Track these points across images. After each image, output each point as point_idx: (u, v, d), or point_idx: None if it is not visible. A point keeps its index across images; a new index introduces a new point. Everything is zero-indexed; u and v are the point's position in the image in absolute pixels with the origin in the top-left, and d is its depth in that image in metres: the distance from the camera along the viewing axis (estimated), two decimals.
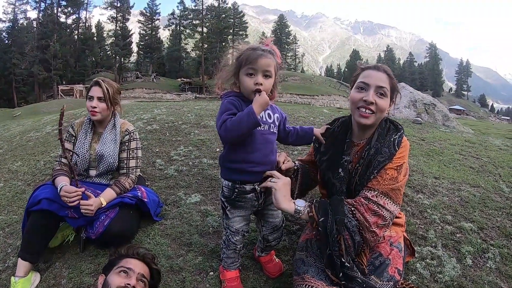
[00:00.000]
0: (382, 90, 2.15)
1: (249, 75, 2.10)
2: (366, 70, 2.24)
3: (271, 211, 2.37)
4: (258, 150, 2.16)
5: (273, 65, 2.12)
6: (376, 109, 2.15)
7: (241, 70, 2.13)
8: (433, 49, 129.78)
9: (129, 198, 2.92)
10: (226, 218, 2.33)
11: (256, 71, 2.08)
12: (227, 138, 2.09)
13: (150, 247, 2.78)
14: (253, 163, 2.17)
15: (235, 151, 2.18)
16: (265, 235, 2.41)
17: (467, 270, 2.62)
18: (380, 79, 2.16)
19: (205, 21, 77.91)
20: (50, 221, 2.72)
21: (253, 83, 2.08)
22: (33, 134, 7.13)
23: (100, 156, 3.02)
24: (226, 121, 2.02)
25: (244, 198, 2.24)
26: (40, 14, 67.46)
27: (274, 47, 2.22)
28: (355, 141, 2.34)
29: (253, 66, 2.08)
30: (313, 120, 6.67)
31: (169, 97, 52.18)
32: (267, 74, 2.11)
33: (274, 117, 2.29)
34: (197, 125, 5.77)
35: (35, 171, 4.77)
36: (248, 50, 2.12)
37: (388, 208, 2.07)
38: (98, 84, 3.05)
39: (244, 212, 2.30)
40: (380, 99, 2.15)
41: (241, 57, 2.13)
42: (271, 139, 2.24)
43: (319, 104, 42.32)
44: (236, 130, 1.99)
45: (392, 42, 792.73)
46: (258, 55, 2.07)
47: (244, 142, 2.12)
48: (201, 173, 4.01)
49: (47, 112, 24.30)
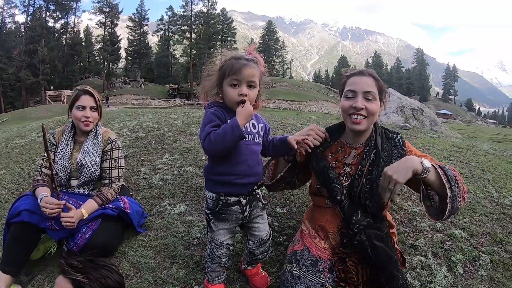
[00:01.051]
0: (369, 94, 2.17)
1: (233, 86, 2.05)
2: (352, 77, 2.26)
3: (257, 224, 2.30)
4: (243, 162, 2.09)
5: (257, 75, 2.08)
6: (367, 113, 2.17)
7: (225, 80, 2.08)
8: (420, 54, 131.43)
9: (111, 210, 2.84)
10: (211, 231, 2.26)
11: (240, 82, 2.04)
12: (211, 152, 2.03)
13: (134, 259, 2.71)
14: (238, 175, 2.11)
15: (220, 164, 2.12)
16: (251, 249, 2.33)
17: (458, 279, 2.58)
18: (366, 84, 2.18)
19: (193, 27, 78.24)
20: (31, 233, 2.65)
21: (237, 94, 2.03)
22: (19, 141, 7.03)
23: (81, 166, 2.94)
24: (210, 134, 1.96)
25: (229, 210, 2.17)
26: (28, 18, 67.49)
27: (257, 55, 2.19)
28: (354, 145, 2.35)
29: (237, 77, 2.03)
30: (301, 126, 6.63)
31: (157, 103, 52.11)
32: (251, 85, 2.07)
33: (259, 127, 2.22)
34: (183, 133, 5.71)
35: (19, 179, 4.68)
36: (231, 59, 2.07)
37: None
38: (89, 93, 2.98)
39: (228, 225, 2.23)
40: (370, 103, 2.17)
41: (224, 67, 2.08)
42: (256, 150, 2.17)
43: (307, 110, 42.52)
44: (220, 144, 1.93)
45: (380, 48, 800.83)
46: (242, 65, 2.02)
47: (229, 154, 2.05)
48: (186, 182, 3.94)
49: (34, 118, 24.12)
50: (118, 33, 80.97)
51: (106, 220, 2.80)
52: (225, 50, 2.20)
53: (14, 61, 60.50)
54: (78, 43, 74.48)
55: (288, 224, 3.21)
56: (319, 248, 2.26)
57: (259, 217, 2.28)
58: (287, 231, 3.10)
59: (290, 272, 2.16)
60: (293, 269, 2.17)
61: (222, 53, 2.19)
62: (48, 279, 2.63)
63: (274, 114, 9.09)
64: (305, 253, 2.27)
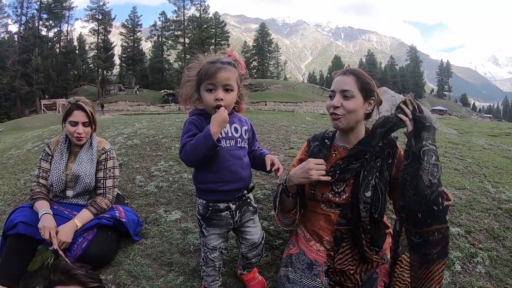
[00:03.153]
0: (347, 92, 2.18)
1: (209, 91, 2.04)
2: (335, 78, 2.29)
3: (249, 228, 2.30)
4: (225, 168, 2.09)
5: (234, 78, 2.06)
6: (343, 111, 2.17)
7: (201, 85, 2.08)
8: (413, 52, 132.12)
9: (107, 219, 2.84)
10: (203, 236, 2.27)
11: (216, 86, 2.02)
12: (189, 163, 2.05)
13: (131, 268, 2.70)
14: (223, 182, 2.10)
15: (203, 172, 2.13)
16: (244, 252, 2.33)
17: (456, 277, 2.59)
18: (344, 83, 2.20)
19: (187, 32, 78.38)
20: (27, 245, 2.65)
21: (213, 98, 2.02)
22: (14, 151, 7.01)
23: (76, 177, 2.93)
24: (186, 145, 1.98)
25: (219, 216, 2.18)
26: (21, 27, 67.32)
27: (237, 57, 2.17)
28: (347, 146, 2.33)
29: (212, 81, 2.02)
30: (295, 128, 6.63)
31: (152, 109, 52.04)
32: (227, 88, 2.05)
33: (242, 130, 2.21)
34: (178, 139, 5.66)
35: (15, 190, 4.65)
36: (207, 64, 2.06)
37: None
38: (81, 108, 2.95)
39: (219, 230, 2.23)
40: (347, 101, 2.17)
41: (201, 72, 2.07)
42: (239, 154, 2.15)
43: (302, 111, 42.53)
44: (194, 154, 1.95)
45: (373, 46, 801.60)
46: (216, 69, 2.00)
47: (210, 162, 2.05)
48: (181, 188, 3.94)
49: (29, 127, 24.07)
50: (111, 40, 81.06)
51: (102, 230, 2.80)
52: (201, 55, 2.18)
53: (8, 71, 60.41)
54: (71, 51, 74.41)
55: (284, 228, 3.20)
56: (315, 251, 2.26)
57: (250, 221, 2.28)
58: (283, 235, 3.09)
59: (286, 276, 2.17)
60: (288, 273, 2.17)
61: (198, 57, 2.17)
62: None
63: (268, 117, 9.09)
64: (300, 256, 2.28)
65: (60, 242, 2.58)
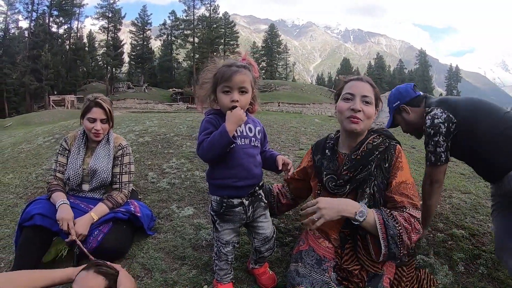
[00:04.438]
0: (367, 98, 2.24)
1: (225, 93, 2.15)
2: (350, 82, 2.34)
3: (261, 223, 2.38)
4: (239, 165, 2.19)
5: (248, 81, 2.16)
6: (363, 116, 2.23)
7: (218, 87, 2.18)
8: (422, 55, 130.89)
9: (122, 213, 2.92)
10: (216, 231, 2.35)
11: (232, 88, 2.13)
12: (206, 158, 2.18)
13: (144, 261, 2.78)
14: (236, 178, 2.20)
15: (217, 168, 2.23)
16: (257, 246, 2.41)
17: (459, 277, 2.64)
18: (365, 89, 2.26)
19: (196, 31, 78.14)
20: (43, 237, 2.72)
21: (229, 100, 2.13)
22: (25, 145, 7.10)
23: (93, 171, 3.02)
24: (203, 142, 2.10)
25: (232, 212, 2.26)
26: (32, 23, 67.47)
27: (251, 60, 2.29)
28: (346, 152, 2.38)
29: (228, 84, 2.12)
30: (305, 130, 6.71)
31: (160, 107, 51.97)
32: (243, 90, 2.15)
33: (256, 130, 2.31)
34: (189, 137, 5.78)
35: (27, 184, 4.73)
36: (223, 67, 2.17)
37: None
38: (99, 105, 3.04)
39: (233, 225, 2.31)
40: (367, 106, 2.24)
41: (217, 75, 2.18)
42: (252, 153, 2.26)
43: (310, 113, 42.39)
44: (211, 151, 2.08)
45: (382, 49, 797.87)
46: (232, 72, 2.11)
47: (225, 159, 2.16)
48: (193, 186, 4.00)
49: (38, 123, 24.14)
50: (121, 38, 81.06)
51: (117, 224, 2.88)
52: (217, 58, 2.30)
53: (17, 67, 60.57)
54: (81, 48, 74.32)
55: (294, 225, 3.28)
56: (323, 247, 2.34)
57: (262, 217, 2.36)
58: (293, 232, 3.16)
59: (296, 270, 2.25)
60: (298, 268, 2.25)
61: (214, 61, 2.28)
62: None
63: (277, 118, 9.14)
64: (310, 252, 2.35)
65: (76, 234, 2.66)
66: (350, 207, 2.07)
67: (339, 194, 2.28)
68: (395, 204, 2.16)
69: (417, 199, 2.17)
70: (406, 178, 2.19)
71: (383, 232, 2.04)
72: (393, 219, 2.06)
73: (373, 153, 2.24)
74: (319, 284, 2.11)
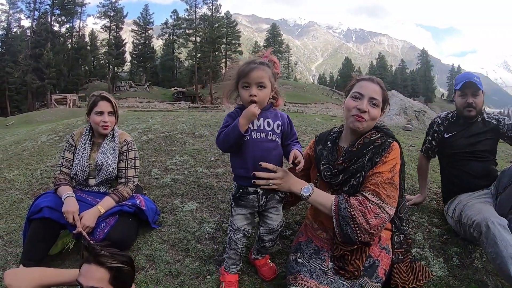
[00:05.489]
0: (375, 101, 2.32)
1: (245, 88, 2.28)
2: (361, 81, 2.41)
3: (271, 214, 2.46)
4: (251, 158, 2.29)
5: (266, 76, 2.26)
6: (368, 117, 2.30)
7: (239, 83, 2.31)
8: (424, 55, 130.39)
9: (128, 206, 3.01)
10: (231, 216, 2.48)
11: (250, 84, 2.25)
12: (222, 149, 2.39)
13: (149, 253, 2.87)
14: (246, 169, 2.32)
15: (233, 158, 2.42)
16: (261, 234, 2.49)
17: (454, 270, 2.73)
18: (374, 91, 2.33)
19: (198, 31, 77.88)
20: (51, 229, 2.82)
21: (248, 94, 2.25)
22: (28, 143, 7.14)
23: (99, 166, 3.11)
24: (221, 134, 2.28)
25: (247, 198, 2.38)
26: (34, 22, 67.17)
27: (273, 58, 2.40)
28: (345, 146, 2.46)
29: (246, 80, 2.25)
30: (305, 129, 6.77)
31: (162, 106, 51.94)
32: (261, 85, 2.25)
33: (274, 125, 2.37)
34: (191, 135, 5.84)
35: (31, 180, 4.80)
36: (243, 65, 2.30)
37: (388, 210, 2.21)
38: (106, 99, 3.15)
39: (245, 211, 2.42)
40: (373, 108, 2.32)
41: (238, 72, 2.30)
42: (268, 146, 2.34)
43: (312, 112, 42.35)
44: (226, 142, 2.29)
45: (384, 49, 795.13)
46: (250, 69, 2.23)
47: (240, 150, 2.30)
48: (196, 181, 4.08)
49: (40, 121, 24.12)
50: (123, 37, 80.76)
51: (123, 216, 2.97)
52: (242, 58, 2.44)
53: (20, 65, 60.52)
54: (83, 47, 74.21)
55: (294, 219, 3.37)
56: (321, 239, 2.43)
57: (273, 209, 2.44)
58: (293, 226, 3.25)
59: (295, 260, 2.36)
60: (297, 257, 2.36)
61: (238, 61, 2.45)
62: None
63: None
64: (308, 243, 2.46)
65: (84, 226, 2.75)
66: (298, 184, 2.35)
67: (333, 182, 2.38)
68: (362, 188, 2.27)
69: (383, 190, 2.22)
70: (383, 170, 2.25)
71: (336, 213, 2.20)
72: (346, 201, 2.21)
73: (369, 146, 2.32)
74: (317, 272, 2.22)
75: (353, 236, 2.17)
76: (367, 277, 2.23)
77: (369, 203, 2.18)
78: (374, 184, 2.23)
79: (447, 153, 3.34)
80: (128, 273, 1.94)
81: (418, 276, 2.38)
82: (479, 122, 3.22)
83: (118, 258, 1.91)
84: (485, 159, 3.17)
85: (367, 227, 2.15)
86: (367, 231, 2.16)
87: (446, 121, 3.38)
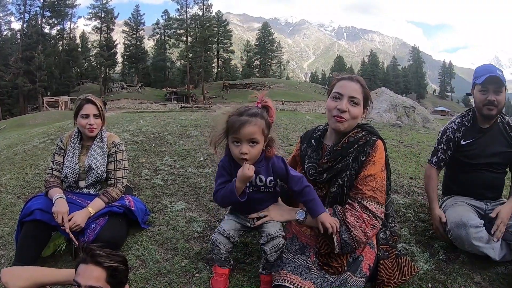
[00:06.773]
0: (355, 99, 2.31)
1: (235, 144, 2.13)
2: (341, 81, 2.39)
3: (266, 224, 2.40)
4: (247, 204, 2.30)
5: (259, 131, 2.11)
6: (348, 116, 2.30)
7: (229, 136, 2.18)
8: (416, 52, 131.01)
9: (117, 207, 3.05)
10: (223, 219, 2.52)
11: (241, 140, 2.10)
12: (221, 206, 2.59)
13: (139, 252, 2.90)
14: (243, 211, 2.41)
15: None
16: (262, 244, 2.36)
17: (440, 264, 2.76)
18: (354, 90, 2.33)
19: (189, 30, 77.74)
20: (42, 231, 2.83)
21: (239, 151, 2.11)
22: (20, 147, 7.15)
23: (89, 168, 3.14)
24: (218, 193, 2.28)
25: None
26: (24, 25, 66.99)
27: (268, 101, 2.25)
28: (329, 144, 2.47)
29: (237, 136, 2.10)
30: (295, 127, 6.82)
31: (155, 107, 51.89)
32: (253, 141, 2.11)
33: (267, 180, 2.29)
34: (181, 136, 5.88)
35: (24, 184, 4.81)
36: (234, 116, 2.14)
37: (381, 216, 2.27)
38: (91, 102, 3.18)
39: (237, 219, 2.43)
40: (353, 107, 2.31)
41: (228, 124, 2.15)
42: (260, 197, 2.35)
43: (304, 110, 42.49)
44: (223, 203, 2.37)
45: (376, 46, 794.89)
46: (241, 124, 2.07)
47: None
48: (186, 181, 4.12)
49: (33, 124, 24.02)
50: (114, 38, 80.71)
51: (113, 217, 3.00)
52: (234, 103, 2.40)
53: (11, 68, 60.13)
54: (74, 49, 73.94)
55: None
56: (306, 235, 2.46)
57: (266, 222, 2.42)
58: None
59: (280, 256, 2.36)
60: (282, 254, 2.36)
61: (230, 105, 2.37)
62: None
63: None
64: (293, 239, 2.49)
65: (74, 224, 2.78)
66: (292, 211, 2.40)
67: (318, 181, 2.41)
68: (356, 193, 2.28)
69: (380, 194, 2.27)
70: (375, 172, 2.28)
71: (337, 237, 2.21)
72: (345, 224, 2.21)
73: (353, 145, 2.33)
74: (301, 268, 2.25)
75: (351, 250, 2.23)
76: (350, 272, 2.27)
77: (366, 215, 2.21)
78: (371, 190, 2.25)
79: (460, 161, 3.05)
80: (123, 272, 1.97)
81: (403, 271, 2.43)
82: (499, 124, 2.96)
83: (114, 258, 1.94)
84: (499, 171, 2.98)
85: (365, 240, 2.22)
86: (365, 242, 2.25)
87: (463, 127, 3.03)
